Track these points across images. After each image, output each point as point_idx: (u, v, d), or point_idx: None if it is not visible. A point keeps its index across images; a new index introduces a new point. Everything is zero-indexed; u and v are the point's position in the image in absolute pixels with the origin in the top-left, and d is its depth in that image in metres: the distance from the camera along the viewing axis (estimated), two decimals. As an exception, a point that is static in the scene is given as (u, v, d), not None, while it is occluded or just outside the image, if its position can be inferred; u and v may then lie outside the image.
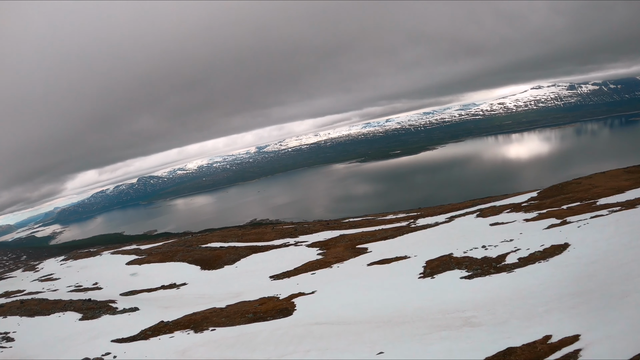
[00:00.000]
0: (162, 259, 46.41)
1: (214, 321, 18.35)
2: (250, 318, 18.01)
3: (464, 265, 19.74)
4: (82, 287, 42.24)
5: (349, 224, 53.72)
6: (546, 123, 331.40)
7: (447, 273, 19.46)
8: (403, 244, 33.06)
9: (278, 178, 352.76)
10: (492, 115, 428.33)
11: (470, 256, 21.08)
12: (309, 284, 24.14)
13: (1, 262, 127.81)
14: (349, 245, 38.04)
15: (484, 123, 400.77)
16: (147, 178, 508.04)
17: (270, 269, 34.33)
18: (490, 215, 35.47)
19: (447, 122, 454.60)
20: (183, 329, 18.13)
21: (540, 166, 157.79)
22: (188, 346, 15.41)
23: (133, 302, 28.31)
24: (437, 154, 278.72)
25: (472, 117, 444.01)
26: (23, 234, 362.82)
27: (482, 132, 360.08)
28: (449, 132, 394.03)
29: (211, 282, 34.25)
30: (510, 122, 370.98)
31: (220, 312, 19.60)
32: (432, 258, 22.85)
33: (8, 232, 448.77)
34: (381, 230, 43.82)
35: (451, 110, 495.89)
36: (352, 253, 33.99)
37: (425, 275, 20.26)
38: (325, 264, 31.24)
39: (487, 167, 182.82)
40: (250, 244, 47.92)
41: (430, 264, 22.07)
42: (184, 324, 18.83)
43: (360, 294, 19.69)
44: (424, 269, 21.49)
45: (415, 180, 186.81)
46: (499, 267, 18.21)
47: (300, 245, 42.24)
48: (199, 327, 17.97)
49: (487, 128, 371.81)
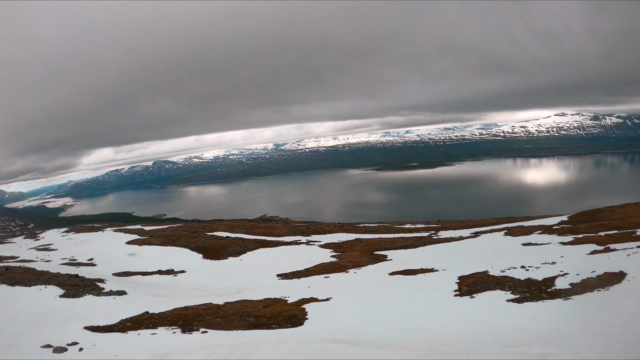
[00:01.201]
0: (163, 242, 43.61)
1: (207, 320, 15.06)
2: (251, 323, 14.67)
3: (506, 286, 17.13)
4: (77, 261, 39.92)
5: (365, 229, 50.14)
6: (566, 151, 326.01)
7: (488, 293, 16.81)
8: (427, 255, 29.97)
9: (292, 177, 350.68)
10: (513, 137, 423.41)
11: (510, 276, 18.51)
12: (323, 289, 20.74)
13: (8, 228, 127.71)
14: (366, 250, 34.57)
15: (503, 144, 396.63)
16: (163, 162, 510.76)
17: (278, 266, 31.02)
18: (520, 234, 32.72)
19: (467, 140, 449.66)
20: (169, 326, 14.88)
21: (557, 193, 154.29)
22: (170, 349, 12.13)
23: (123, 285, 25.30)
24: (454, 171, 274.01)
25: (493, 137, 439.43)
26: (34, 202, 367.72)
27: (501, 153, 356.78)
28: (468, 150, 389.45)
29: (212, 273, 31.11)
30: (530, 147, 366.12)
31: (217, 310, 16.30)
32: (465, 274, 20.16)
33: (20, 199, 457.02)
34: (401, 238, 40.19)
35: (472, 128, 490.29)
36: (370, 259, 30.52)
37: (462, 293, 17.39)
38: (340, 267, 27.79)
39: (503, 188, 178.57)
40: (258, 237, 44.74)
41: (464, 280, 19.29)
42: (172, 319, 15.58)
43: (386, 308, 16.32)
44: (458, 285, 18.72)
45: (429, 194, 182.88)
46: (551, 292, 15.78)
47: (312, 244, 38.85)
48: (188, 325, 14.70)
49: (506, 150, 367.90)
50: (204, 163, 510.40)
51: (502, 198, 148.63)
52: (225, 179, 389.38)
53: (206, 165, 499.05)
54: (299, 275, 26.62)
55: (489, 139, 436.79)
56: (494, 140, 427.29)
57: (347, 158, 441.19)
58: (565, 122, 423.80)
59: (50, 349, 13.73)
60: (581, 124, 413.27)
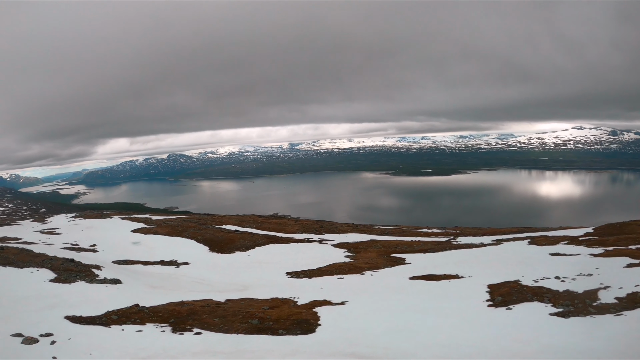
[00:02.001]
0: (169, 233, 41.82)
1: (203, 320, 12.90)
2: (253, 326, 12.44)
3: (545, 297, 15.42)
4: (78, 246, 38.44)
5: (380, 230, 47.63)
6: (583, 165, 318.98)
7: (526, 305, 14.97)
8: (448, 260, 27.63)
9: (306, 177, 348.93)
10: (529, 149, 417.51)
11: (545, 287, 16.72)
12: (337, 291, 18.43)
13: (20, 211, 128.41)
14: (382, 252, 32.13)
15: (519, 155, 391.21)
16: (178, 156, 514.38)
17: (288, 263, 28.79)
18: (545, 244, 30.32)
19: (483, 149, 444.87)
20: (159, 323, 12.78)
21: (572, 206, 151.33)
22: (154, 352, 9.99)
23: (119, 273, 23.40)
24: (469, 179, 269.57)
25: (509, 147, 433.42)
26: (48, 188, 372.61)
27: (517, 164, 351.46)
28: (483, 159, 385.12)
29: (216, 267, 29.04)
30: (546, 159, 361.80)
31: (216, 309, 14.12)
32: (495, 283, 18.13)
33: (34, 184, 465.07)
34: (418, 242, 37.60)
35: (488, 137, 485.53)
36: (387, 261, 28.09)
37: (496, 304, 15.39)
38: (355, 268, 25.43)
39: (518, 199, 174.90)
40: (268, 232, 42.62)
41: (496, 289, 17.26)
42: (164, 315, 13.46)
43: (412, 317, 14.00)
44: (489, 294, 16.74)
45: (443, 201, 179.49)
46: (598, 307, 14.10)
47: (325, 243, 36.52)
48: (181, 324, 12.56)
49: (522, 161, 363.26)
50: (218, 158, 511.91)
51: (517, 209, 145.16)
52: (239, 175, 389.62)
53: (220, 160, 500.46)
54: (310, 274, 24.33)
55: (505, 149, 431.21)
56: (510, 150, 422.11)
57: (362, 161, 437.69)
58: (583, 136, 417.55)
59: (20, 338, 11.86)
60: (598, 139, 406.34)
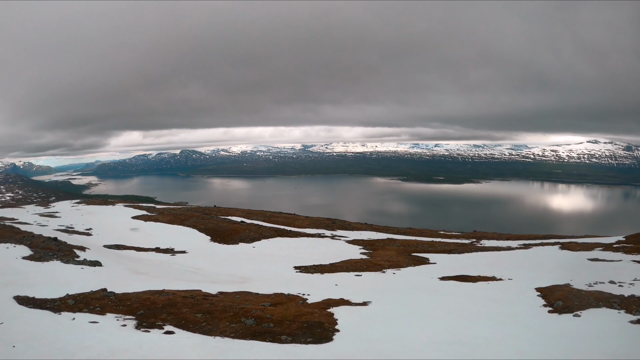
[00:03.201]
0: (171, 221, 38.99)
1: (181, 314, 9.70)
2: (247, 327, 9.17)
3: (613, 303, 13.09)
4: (73, 229, 36.05)
5: (396, 230, 44.08)
6: (596, 179, 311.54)
7: (594, 311, 12.50)
8: (478, 262, 24.42)
9: (318, 179, 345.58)
10: (543, 161, 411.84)
11: (605, 291, 14.18)
12: (356, 289, 15.11)
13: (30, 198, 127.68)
14: (402, 250, 28.70)
15: (532, 167, 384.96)
16: (190, 152, 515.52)
17: (296, 257, 25.52)
18: (579, 249, 27.77)
19: (496, 159, 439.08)
20: (124, 314, 9.64)
21: (584, 219, 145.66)
22: (99, 353, 6.81)
23: (105, 256, 20.45)
24: (481, 188, 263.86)
25: (522, 158, 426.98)
26: (60, 178, 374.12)
27: (530, 175, 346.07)
28: (496, 169, 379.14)
29: (216, 256, 25.94)
30: (559, 172, 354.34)
31: (201, 301, 10.90)
32: (544, 286, 15.65)
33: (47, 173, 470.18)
34: (440, 243, 34.06)
35: (502, 147, 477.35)
36: (409, 260, 24.67)
37: (557, 309, 12.84)
38: (374, 266, 22.05)
39: (530, 210, 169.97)
40: (277, 226, 39.43)
41: (549, 293, 14.66)
42: (133, 304, 10.31)
43: (457, 324, 10.69)
44: (543, 299, 14.20)
45: (454, 209, 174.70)
46: None
47: (338, 239, 33.15)
48: (151, 317, 9.39)
49: (535, 173, 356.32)
50: (231, 156, 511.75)
51: (530, 219, 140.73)
52: (251, 174, 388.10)
53: (233, 159, 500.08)
54: (322, 269, 21.01)
55: (518, 160, 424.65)
56: (523, 161, 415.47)
57: (374, 166, 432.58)
58: (597, 150, 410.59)
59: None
60: (613, 153, 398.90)
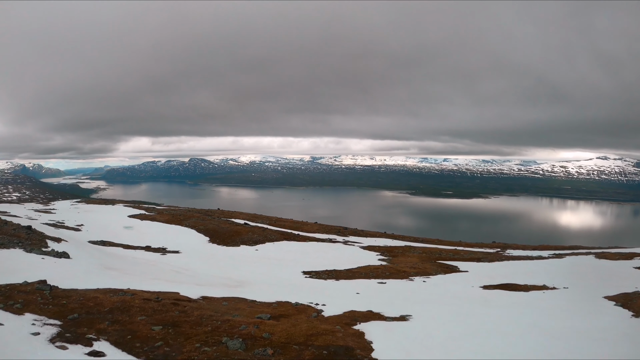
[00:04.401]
0: (169, 220, 35.85)
1: (131, 324, 6.40)
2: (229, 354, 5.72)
3: None
4: (63, 224, 33.46)
5: (413, 238, 40.39)
6: (606, 196, 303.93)
7: None
8: (516, 270, 21.04)
9: (325, 191, 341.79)
10: (552, 176, 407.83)
11: None
12: (385, 299, 11.64)
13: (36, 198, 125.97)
14: (425, 257, 25.11)
15: (541, 183, 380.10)
16: (199, 160, 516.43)
17: (306, 262, 22.04)
18: (618, 258, 25.33)
19: (505, 174, 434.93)
20: (48, 316, 6.34)
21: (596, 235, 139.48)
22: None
23: (79, 249, 17.27)
24: (490, 204, 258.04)
25: (531, 174, 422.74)
26: (69, 181, 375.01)
27: (539, 191, 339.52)
28: (505, 185, 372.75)
29: (212, 258, 22.59)
30: (569, 188, 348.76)
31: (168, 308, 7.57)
32: (612, 294, 13.49)
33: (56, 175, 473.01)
34: (464, 251, 30.35)
35: (511, 163, 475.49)
36: (437, 267, 21.12)
37: None
38: (397, 272, 18.53)
39: (540, 225, 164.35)
40: (283, 229, 36.03)
41: (628, 302, 12.35)
42: (69, 304, 7.05)
43: (545, 343, 7.70)
44: (624, 308, 11.86)
45: (462, 224, 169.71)
46: None
47: (351, 245, 29.60)
48: (84, 325, 6.09)
49: (544, 189, 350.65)
50: (239, 166, 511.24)
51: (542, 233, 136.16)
52: (259, 184, 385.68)
53: (241, 168, 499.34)
54: (337, 275, 17.53)
55: (528, 175, 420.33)
56: (533, 177, 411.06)
57: (382, 179, 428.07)
58: (607, 167, 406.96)
59: None
60: (623, 170, 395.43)
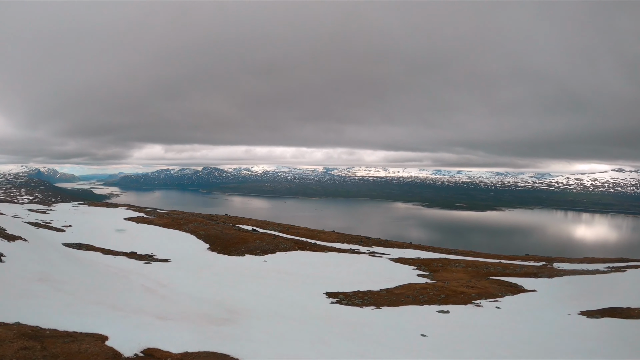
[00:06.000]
0: (167, 224, 31.49)
1: None
2: None
3: None
4: (49, 224, 30.04)
5: (444, 250, 35.16)
6: (621, 209, 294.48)
7: None
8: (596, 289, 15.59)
9: (339, 202, 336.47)
10: (567, 189, 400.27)
11: None
12: (477, 349, 6.75)
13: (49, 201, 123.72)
14: (474, 273, 20.10)
15: (556, 195, 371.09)
16: (212, 169, 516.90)
17: (327, 278, 17.24)
18: None
19: (519, 187, 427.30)
20: None
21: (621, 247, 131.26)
22: None
23: (26, 252, 12.86)
24: (504, 216, 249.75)
25: (546, 187, 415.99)
26: (83, 186, 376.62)
27: (554, 204, 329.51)
28: (519, 197, 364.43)
29: (208, 270, 17.97)
30: (584, 200, 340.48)
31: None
32: None
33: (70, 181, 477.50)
34: (509, 265, 25.08)
35: (525, 176, 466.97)
36: (497, 286, 16.14)
37: None
38: (454, 294, 13.64)
39: (562, 238, 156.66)
40: (297, 237, 31.30)
41: None
42: None
43: None
44: None
45: (474, 237, 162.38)
46: None
47: (378, 256, 24.67)
48: None
49: (559, 201, 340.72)
50: (252, 176, 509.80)
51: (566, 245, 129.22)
52: (271, 194, 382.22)
53: (254, 178, 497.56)
54: (375, 299, 12.66)
55: (542, 188, 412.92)
56: (547, 190, 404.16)
57: (396, 191, 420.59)
58: (623, 179, 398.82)
59: None
60: (639, 182, 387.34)
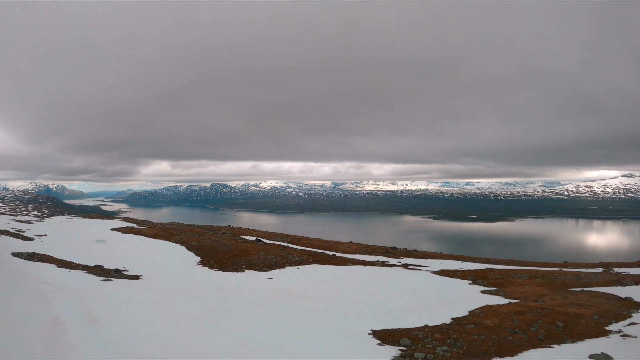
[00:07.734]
0: (155, 235, 27.17)
1: None
2: None
3: None
4: (19, 233, 26.71)
5: (484, 259, 30.08)
6: (633, 215, 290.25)
7: None
8: None
9: (347, 217, 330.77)
10: (577, 197, 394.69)
11: None
12: None
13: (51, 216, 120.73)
14: (549, 285, 15.13)
15: (567, 204, 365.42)
16: (220, 185, 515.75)
17: (364, 303, 12.43)
18: None
19: (529, 196, 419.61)
20: None
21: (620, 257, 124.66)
22: None
23: None
24: (515, 227, 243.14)
25: (556, 195, 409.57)
26: (91, 203, 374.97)
27: (565, 212, 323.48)
28: (530, 207, 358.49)
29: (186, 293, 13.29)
30: (595, 208, 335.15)
31: None
32: None
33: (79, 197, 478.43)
34: (573, 272, 19.96)
35: (534, 185, 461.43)
36: (606, 300, 11.19)
37: None
38: (572, 320, 8.78)
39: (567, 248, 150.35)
40: (311, 249, 26.52)
41: None
42: None
43: None
44: None
45: (486, 248, 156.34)
46: None
47: (415, 269, 19.77)
48: None
49: (570, 209, 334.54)
50: (260, 192, 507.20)
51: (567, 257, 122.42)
52: (280, 209, 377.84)
53: (263, 194, 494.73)
54: (469, 343, 7.78)
55: (552, 197, 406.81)
56: (557, 198, 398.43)
57: (405, 204, 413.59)
58: (633, 184, 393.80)
59: None
60: None
